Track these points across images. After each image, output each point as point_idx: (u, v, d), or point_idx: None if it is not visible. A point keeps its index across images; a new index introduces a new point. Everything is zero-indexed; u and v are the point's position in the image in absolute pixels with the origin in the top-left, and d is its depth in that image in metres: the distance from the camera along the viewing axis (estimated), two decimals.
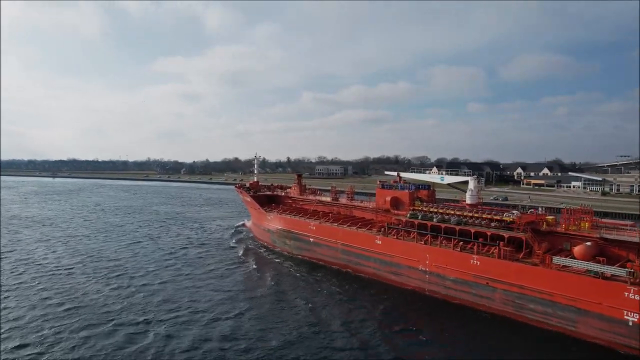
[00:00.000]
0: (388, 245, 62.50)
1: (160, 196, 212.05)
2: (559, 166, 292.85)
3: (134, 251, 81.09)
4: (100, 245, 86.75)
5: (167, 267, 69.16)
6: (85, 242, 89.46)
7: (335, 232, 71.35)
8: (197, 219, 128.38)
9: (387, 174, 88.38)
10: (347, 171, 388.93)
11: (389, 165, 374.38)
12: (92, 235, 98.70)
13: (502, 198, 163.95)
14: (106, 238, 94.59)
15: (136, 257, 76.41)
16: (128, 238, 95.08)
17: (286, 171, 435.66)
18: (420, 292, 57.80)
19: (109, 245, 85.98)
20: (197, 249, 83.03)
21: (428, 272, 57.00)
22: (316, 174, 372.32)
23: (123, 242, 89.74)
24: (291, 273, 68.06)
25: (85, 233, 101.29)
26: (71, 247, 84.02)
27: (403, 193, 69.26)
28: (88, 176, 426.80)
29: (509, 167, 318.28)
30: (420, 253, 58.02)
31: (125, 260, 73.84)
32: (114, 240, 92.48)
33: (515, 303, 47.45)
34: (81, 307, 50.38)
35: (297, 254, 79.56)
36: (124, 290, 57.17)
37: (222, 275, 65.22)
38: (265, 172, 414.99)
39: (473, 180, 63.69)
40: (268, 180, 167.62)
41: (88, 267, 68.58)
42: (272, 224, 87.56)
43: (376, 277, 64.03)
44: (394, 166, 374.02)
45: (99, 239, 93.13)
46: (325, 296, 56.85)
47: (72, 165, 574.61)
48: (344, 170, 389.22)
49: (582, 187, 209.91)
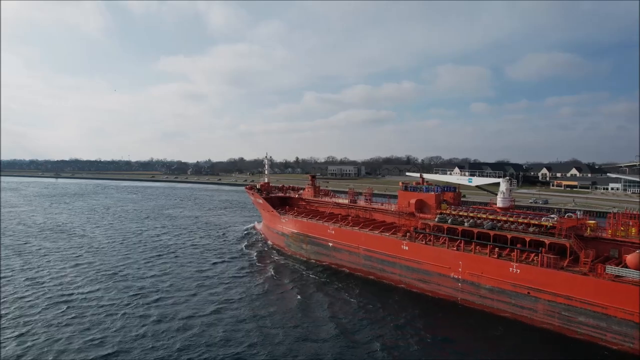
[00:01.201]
0: (416, 251, 59.14)
1: (171, 199, 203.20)
2: (588, 167, 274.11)
3: (160, 268, 69.20)
4: (122, 261, 74.03)
5: (201, 287, 59.67)
6: (105, 257, 76.66)
7: (357, 237, 68.01)
8: (216, 224, 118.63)
9: (409, 175, 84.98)
10: (360, 171, 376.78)
11: (401, 166, 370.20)
12: (111, 247, 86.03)
13: (543, 201, 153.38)
14: (127, 251, 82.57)
15: (165, 276, 64.72)
16: (149, 249, 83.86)
17: (295, 171, 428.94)
18: (451, 300, 54.44)
19: (131, 261, 73.84)
20: (222, 260, 76.56)
21: (461, 280, 53.62)
22: (329, 174, 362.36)
23: (146, 256, 77.90)
24: (312, 280, 64.61)
25: (102, 244, 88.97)
26: (90, 264, 71.76)
27: (429, 195, 65.90)
28: (92, 177, 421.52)
29: (532, 167, 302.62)
30: (452, 260, 54.65)
31: (154, 281, 62.17)
32: (135, 253, 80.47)
33: (562, 315, 44.04)
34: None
35: (314, 259, 76.25)
36: (168, 323, 46.64)
37: (242, 287, 61.33)
38: (274, 172, 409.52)
39: (505, 182, 60.30)
40: (279, 181, 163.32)
41: (116, 294, 56.37)
42: (287, 227, 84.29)
43: (402, 285, 60.68)
44: (405, 166, 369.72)
45: (119, 252, 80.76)
46: (351, 305, 53.55)
47: (75, 165, 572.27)
48: (357, 170, 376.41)
49: (621, 188, 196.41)
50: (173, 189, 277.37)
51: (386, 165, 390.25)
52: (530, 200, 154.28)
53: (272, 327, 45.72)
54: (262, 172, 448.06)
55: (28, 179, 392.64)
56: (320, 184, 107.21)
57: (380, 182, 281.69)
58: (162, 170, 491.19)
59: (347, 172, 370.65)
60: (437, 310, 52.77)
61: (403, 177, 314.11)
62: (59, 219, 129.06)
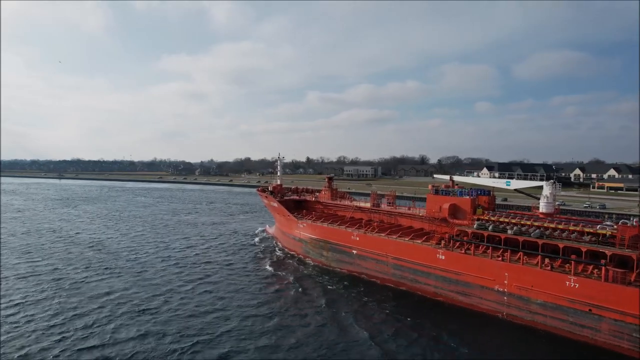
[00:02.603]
0: (454, 261, 54.42)
1: (184, 202, 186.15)
2: (628, 168, 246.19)
3: (202, 300, 54.72)
4: (185, 299, 55.15)
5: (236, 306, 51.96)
6: (168, 295, 56.87)
7: (385, 244, 63.31)
8: (244, 233, 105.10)
9: (436, 178, 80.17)
10: (376, 172, 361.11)
11: (417, 166, 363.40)
12: (162, 273, 67.44)
13: (600, 205, 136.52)
14: (165, 275, 66.04)
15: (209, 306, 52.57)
16: (185, 274, 67.12)
17: (307, 172, 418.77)
18: (495, 315, 49.73)
19: (195, 295, 56.92)
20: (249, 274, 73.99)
21: (507, 293, 48.89)
22: (344, 175, 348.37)
23: (183, 280, 63.60)
24: (339, 292, 59.83)
25: (154, 269, 69.56)
26: (151, 306, 52.92)
27: (464, 200, 61.16)
28: (96, 177, 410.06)
29: (562, 167, 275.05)
30: (497, 271, 49.91)
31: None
32: (176, 279, 64.15)
33: (633, 337, 39.29)
34: None
35: (336, 267, 71.59)
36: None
37: (268, 302, 56.86)
38: (285, 173, 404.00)
39: (549, 185, 55.53)
40: (293, 182, 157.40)
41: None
42: (305, 233, 79.60)
43: (438, 297, 55.98)
44: (421, 167, 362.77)
45: (175, 286, 60.90)
46: (385, 320, 49.04)
47: (78, 165, 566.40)
48: (374, 171, 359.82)
49: None
50: (183, 190, 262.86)
51: (401, 165, 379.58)
52: (584, 205, 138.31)
53: (313, 349, 41.23)
54: (272, 172, 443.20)
55: (30, 179, 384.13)
56: (338, 185, 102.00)
57: (401, 183, 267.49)
58: (169, 171, 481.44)
59: (365, 172, 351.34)
60: (481, 325, 48.08)
61: (421, 178, 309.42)
62: (93, 232, 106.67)
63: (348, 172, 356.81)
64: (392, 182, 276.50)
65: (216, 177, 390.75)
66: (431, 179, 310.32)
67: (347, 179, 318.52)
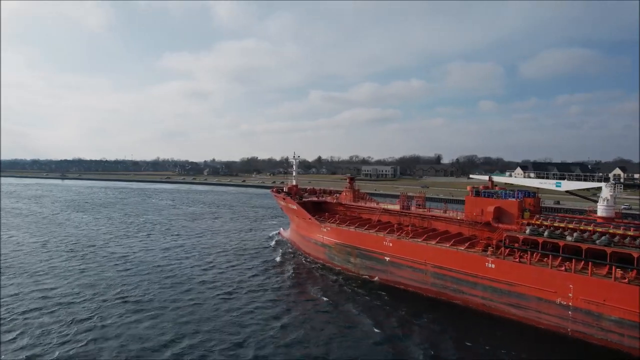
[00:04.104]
0: (506, 270, 49.27)
1: (205, 205, 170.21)
2: None
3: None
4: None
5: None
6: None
7: (424, 251, 58.18)
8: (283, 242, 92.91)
9: (474, 178, 74.97)
10: (396, 172, 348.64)
11: (437, 166, 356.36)
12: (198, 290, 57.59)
13: None
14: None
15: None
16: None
17: (320, 172, 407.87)
18: (558, 332, 44.59)
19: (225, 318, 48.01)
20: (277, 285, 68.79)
21: (572, 307, 43.75)
22: (362, 174, 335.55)
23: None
24: (374, 303, 54.67)
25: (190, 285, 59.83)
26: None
27: (510, 203, 56.01)
28: (100, 177, 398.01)
29: (599, 167, 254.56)
30: (559, 282, 44.76)
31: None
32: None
33: None
34: None
35: (365, 275, 66.46)
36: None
37: (302, 315, 51.80)
38: (298, 173, 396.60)
39: (609, 187, 50.45)
40: (310, 182, 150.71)
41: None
42: (329, 237, 74.48)
43: (486, 310, 50.85)
44: (439, 166, 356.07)
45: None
46: (436, 336, 43.92)
47: (80, 165, 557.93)
48: (394, 171, 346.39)
49: None
50: (195, 192, 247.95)
51: (419, 165, 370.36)
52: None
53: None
54: (282, 172, 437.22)
55: (32, 180, 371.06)
56: (360, 186, 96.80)
57: (422, 183, 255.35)
58: (176, 171, 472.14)
59: (384, 172, 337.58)
60: (542, 343, 43.02)
61: (442, 178, 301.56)
62: (117, 242, 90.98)
63: (366, 171, 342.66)
64: (413, 182, 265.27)
65: (227, 177, 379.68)
66: (452, 179, 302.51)
67: (366, 179, 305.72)
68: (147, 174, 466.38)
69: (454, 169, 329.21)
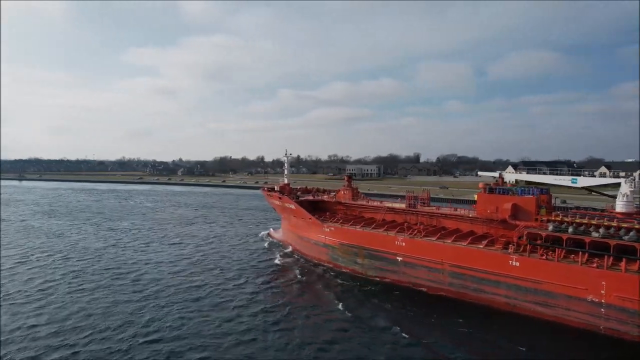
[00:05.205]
0: (531, 268, 48.22)
1: (187, 208, 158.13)
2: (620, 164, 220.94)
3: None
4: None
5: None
6: None
7: (441, 250, 56.50)
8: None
9: (482, 175, 74.22)
10: (380, 171, 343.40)
11: (420, 165, 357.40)
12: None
13: None
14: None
15: None
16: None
17: (300, 171, 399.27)
18: (590, 330, 43.84)
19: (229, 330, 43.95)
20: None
21: (604, 304, 43.07)
22: (347, 174, 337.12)
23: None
24: (389, 306, 52.51)
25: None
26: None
27: (527, 199, 55.22)
28: (65, 178, 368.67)
29: (584, 166, 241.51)
30: (591, 279, 44.02)
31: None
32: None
33: None
34: None
35: (375, 276, 64.22)
36: None
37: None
38: (276, 172, 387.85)
39: (628, 182, 50.45)
40: (296, 182, 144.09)
41: None
42: (333, 238, 71.78)
43: (510, 309, 49.68)
44: (421, 165, 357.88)
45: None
46: (464, 337, 42.22)
47: (39, 165, 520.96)
48: (379, 170, 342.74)
49: None
50: (173, 194, 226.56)
51: (402, 164, 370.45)
52: None
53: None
54: (262, 172, 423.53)
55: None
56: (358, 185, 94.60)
57: (413, 183, 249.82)
58: (146, 171, 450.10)
59: (369, 171, 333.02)
60: (577, 342, 42.25)
61: (430, 178, 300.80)
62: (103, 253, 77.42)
63: (351, 170, 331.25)
64: (403, 182, 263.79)
65: (204, 177, 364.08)
66: (436, 178, 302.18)
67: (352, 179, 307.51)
68: (117, 174, 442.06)
69: (436, 168, 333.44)
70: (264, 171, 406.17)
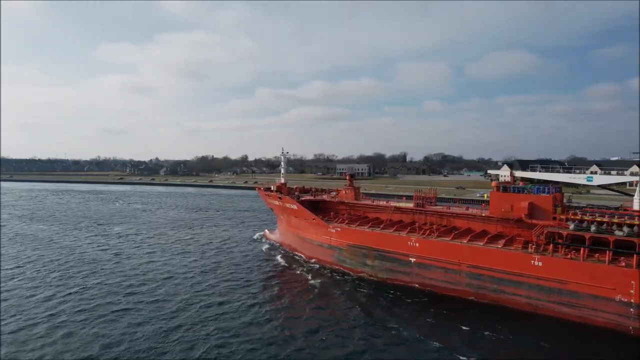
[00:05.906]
0: (555, 268, 47.15)
1: (181, 210, 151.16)
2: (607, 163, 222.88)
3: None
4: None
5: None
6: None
7: (457, 250, 55.04)
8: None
9: (492, 172, 73.21)
10: (371, 171, 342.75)
11: (408, 164, 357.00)
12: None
13: None
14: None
15: None
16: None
17: (288, 171, 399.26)
18: (618, 330, 43.00)
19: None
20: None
21: (634, 304, 42.29)
22: (338, 173, 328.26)
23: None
24: (407, 310, 50.74)
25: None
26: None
27: (544, 198, 54.27)
28: (39, 179, 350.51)
29: (573, 165, 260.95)
30: (619, 279, 43.20)
31: None
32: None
33: None
34: None
35: (386, 278, 62.34)
36: None
37: None
38: (263, 172, 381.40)
39: None
40: (288, 182, 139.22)
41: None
42: (339, 239, 69.60)
43: (532, 309, 48.56)
44: (411, 164, 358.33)
45: None
46: (490, 341, 40.77)
47: (8, 165, 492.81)
48: (369, 169, 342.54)
49: None
50: (159, 195, 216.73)
51: (390, 163, 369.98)
52: None
53: None
54: (251, 171, 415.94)
55: None
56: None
57: (405, 182, 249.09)
58: (126, 170, 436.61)
59: (360, 171, 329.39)
60: (605, 343, 41.37)
61: (421, 177, 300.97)
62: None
63: (342, 170, 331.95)
64: (397, 182, 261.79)
65: (190, 177, 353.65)
66: (428, 177, 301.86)
67: (341, 179, 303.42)
68: (94, 174, 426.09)
69: (425, 167, 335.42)
70: (250, 171, 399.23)
